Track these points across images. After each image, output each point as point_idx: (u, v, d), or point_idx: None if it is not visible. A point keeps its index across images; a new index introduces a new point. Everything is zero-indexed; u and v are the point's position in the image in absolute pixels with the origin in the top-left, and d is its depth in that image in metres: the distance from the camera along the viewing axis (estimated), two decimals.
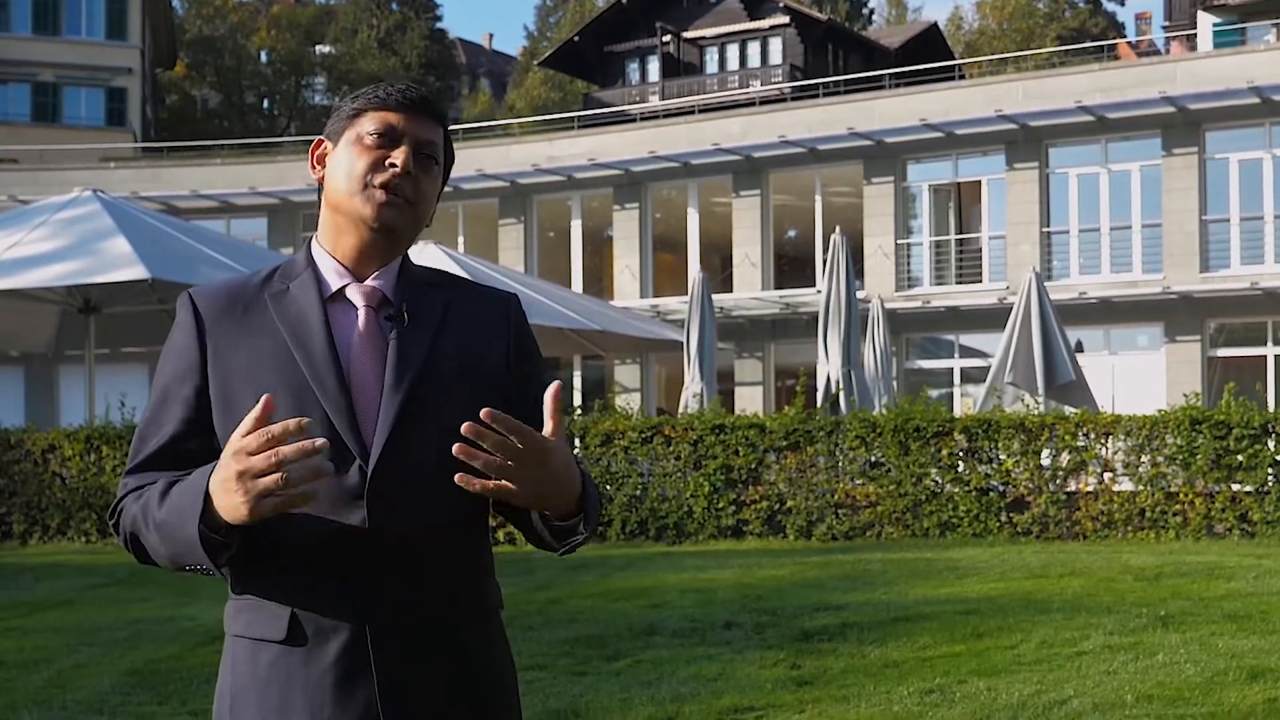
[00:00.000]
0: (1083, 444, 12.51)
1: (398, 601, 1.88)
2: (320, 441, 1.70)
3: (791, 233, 32.49)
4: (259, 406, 1.72)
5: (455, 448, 1.73)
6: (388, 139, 1.97)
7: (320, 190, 2.03)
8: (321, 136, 2.04)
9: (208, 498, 1.77)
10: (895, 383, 22.17)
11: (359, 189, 1.95)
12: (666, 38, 46.14)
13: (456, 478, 1.74)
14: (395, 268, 2.00)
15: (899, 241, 27.34)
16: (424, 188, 1.99)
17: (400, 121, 1.98)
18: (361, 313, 1.95)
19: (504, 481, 1.76)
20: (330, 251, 2.00)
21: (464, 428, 1.73)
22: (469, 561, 1.96)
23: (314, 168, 2.04)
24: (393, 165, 1.95)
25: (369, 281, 1.97)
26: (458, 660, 1.94)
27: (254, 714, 1.89)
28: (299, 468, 1.70)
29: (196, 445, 1.93)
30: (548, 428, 1.80)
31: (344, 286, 1.97)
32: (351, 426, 1.88)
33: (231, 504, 1.74)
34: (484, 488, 1.76)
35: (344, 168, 1.97)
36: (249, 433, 1.71)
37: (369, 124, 1.98)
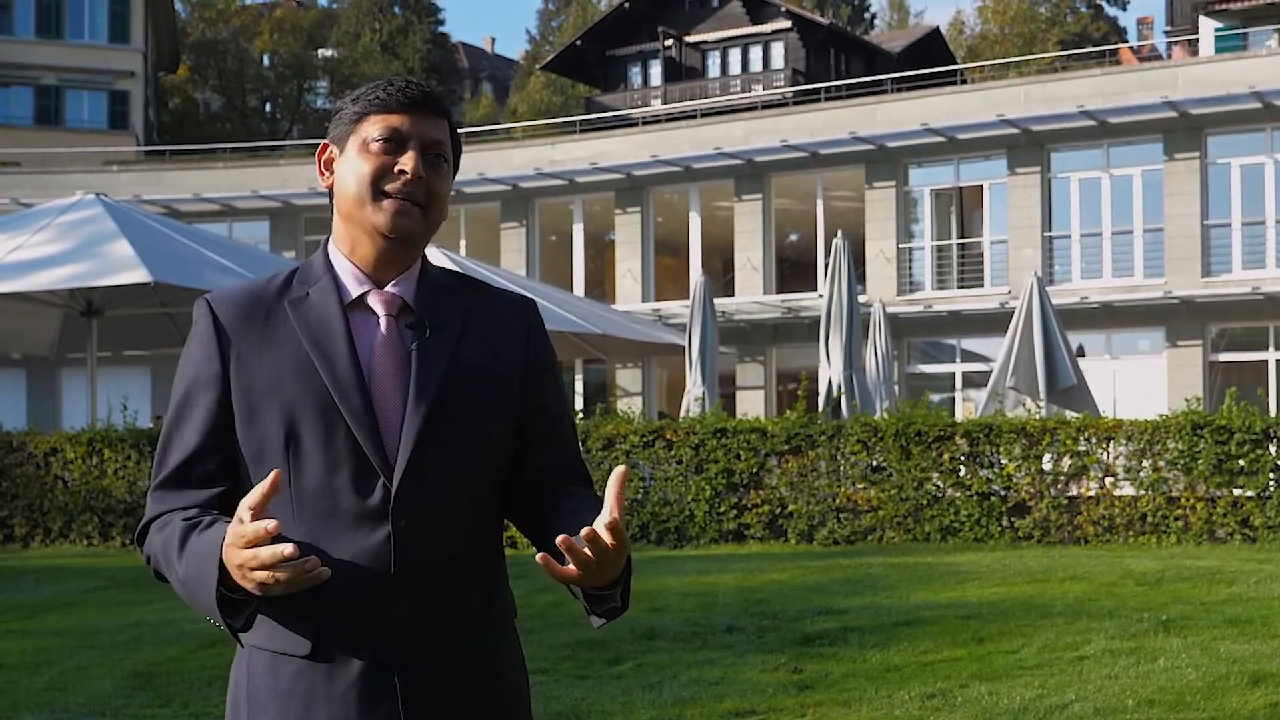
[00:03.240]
0: (1084, 448, 12.50)
1: (421, 615, 1.87)
2: (307, 563, 1.70)
3: (793, 236, 32.49)
4: (266, 483, 1.71)
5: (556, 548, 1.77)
6: (394, 143, 1.92)
7: (330, 195, 1.99)
8: (326, 141, 2.00)
9: (223, 567, 1.77)
10: (897, 387, 22.17)
11: (370, 199, 1.91)
12: (669, 42, 46.17)
13: (540, 559, 1.76)
14: (415, 272, 1.97)
15: (900, 245, 27.34)
16: (436, 188, 1.95)
17: (405, 123, 1.93)
18: (383, 321, 1.92)
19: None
20: (347, 256, 1.97)
21: (557, 550, 1.76)
22: (487, 572, 1.95)
23: (322, 174, 2.00)
24: (403, 172, 1.91)
25: (389, 288, 1.94)
26: (478, 671, 1.94)
27: None
28: (289, 570, 1.70)
29: (220, 459, 1.92)
30: (611, 512, 1.77)
31: (364, 293, 1.94)
32: (375, 442, 1.86)
33: (241, 580, 1.75)
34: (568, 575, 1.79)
35: (353, 177, 1.93)
36: (251, 507, 1.71)
37: (374, 129, 1.93)
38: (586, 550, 1.74)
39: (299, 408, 1.87)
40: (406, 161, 1.92)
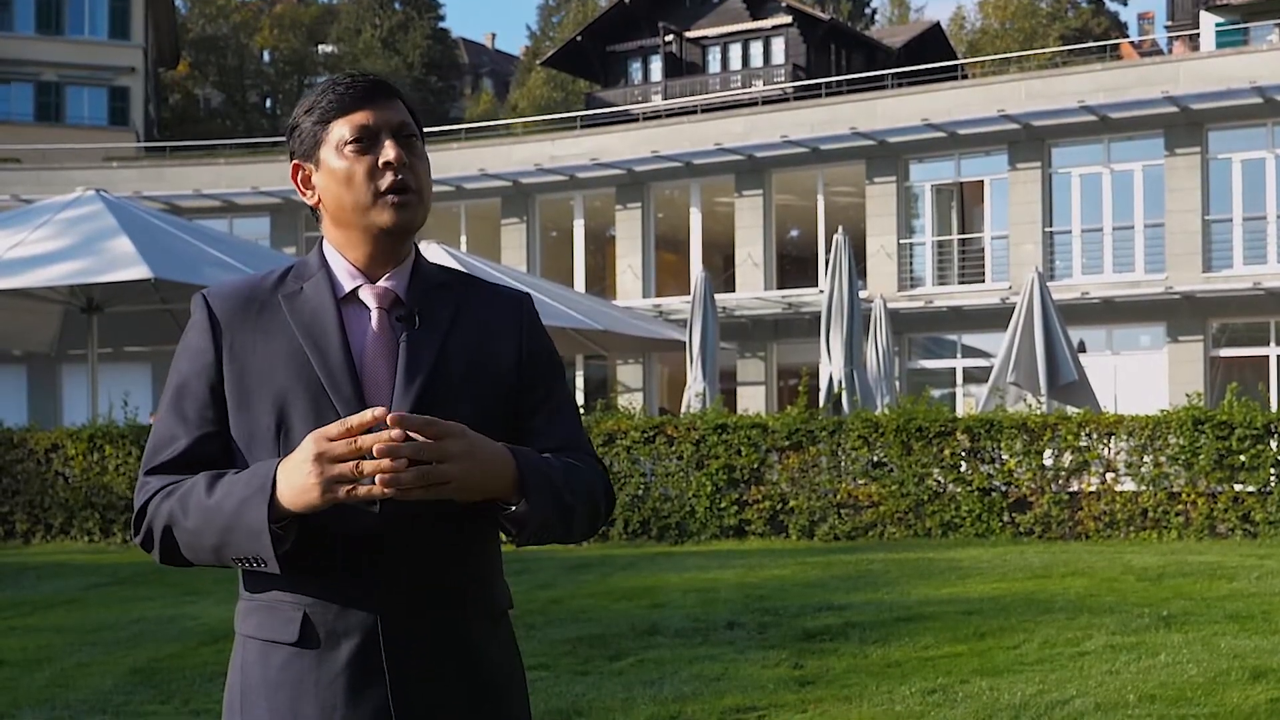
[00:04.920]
0: (1085, 444, 12.50)
1: (410, 604, 1.88)
2: (396, 432, 1.73)
3: (794, 232, 32.50)
4: (366, 413, 1.76)
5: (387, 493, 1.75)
6: (367, 140, 1.94)
7: (315, 209, 2.00)
8: (296, 161, 2.00)
9: (274, 485, 1.78)
10: (897, 382, 22.18)
11: (370, 201, 1.93)
12: (669, 37, 46.13)
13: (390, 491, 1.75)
14: (408, 267, 1.99)
15: (901, 241, 27.34)
16: (420, 171, 1.97)
17: (369, 117, 1.95)
18: (374, 314, 1.95)
19: (441, 482, 1.77)
20: (341, 253, 1.99)
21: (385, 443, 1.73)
22: (479, 562, 1.95)
23: (305, 193, 2.01)
24: (389, 164, 1.93)
25: (381, 282, 1.97)
26: (469, 662, 1.94)
27: (265, 714, 1.89)
28: (371, 464, 1.73)
29: (215, 448, 1.93)
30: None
31: (357, 288, 1.96)
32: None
33: (303, 486, 1.76)
34: (425, 495, 1.77)
35: (343, 184, 1.94)
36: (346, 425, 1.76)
37: (342, 132, 1.94)
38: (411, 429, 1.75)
39: (291, 396, 1.89)
40: (387, 152, 1.93)
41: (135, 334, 17.37)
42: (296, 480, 1.76)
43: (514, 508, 1.86)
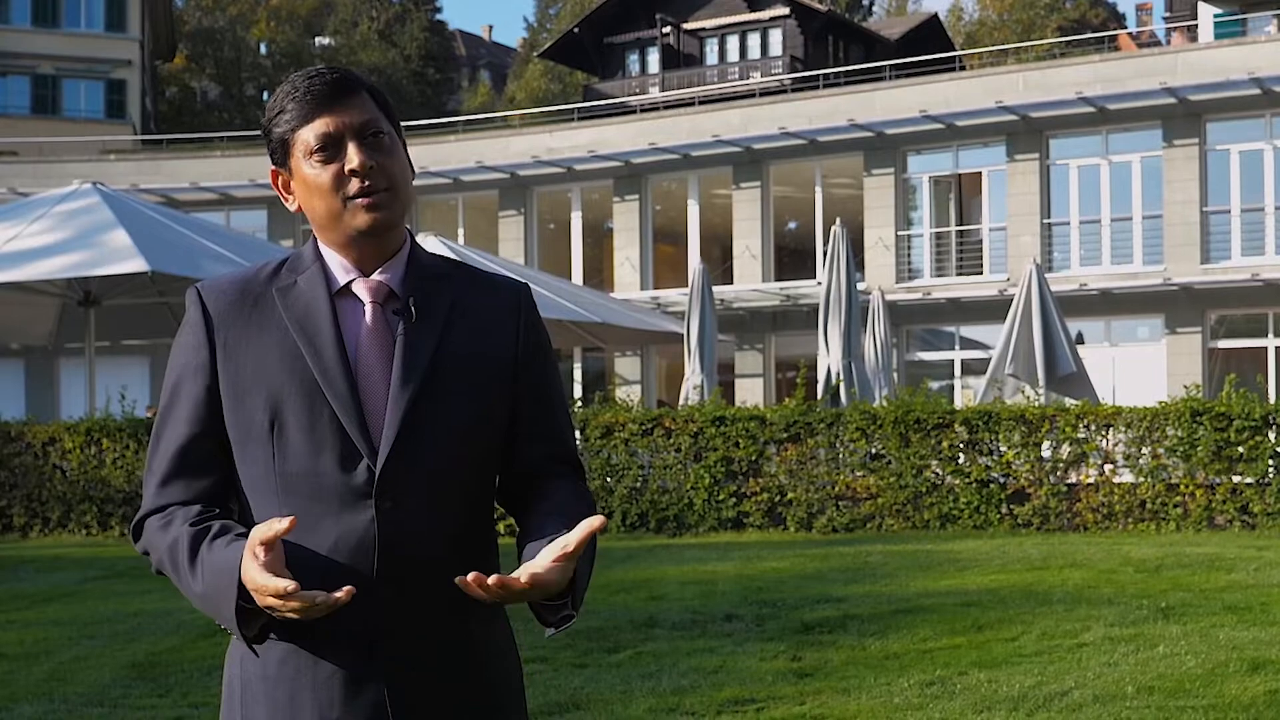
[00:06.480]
0: (1083, 436, 12.50)
1: (406, 601, 1.86)
2: (343, 593, 1.75)
3: (792, 224, 32.47)
4: (283, 525, 1.74)
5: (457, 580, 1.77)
6: (331, 148, 1.90)
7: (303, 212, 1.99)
8: (274, 168, 1.99)
9: (240, 589, 1.79)
10: (896, 374, 22.18)
11: (340, 209, 1.91)
12: (666, 29, 46.06)
13: (458, 580, 1.77)
14: (403, 259, 1.97)
15: (899, 233, 27.32)
16: (390, 167, 1.92)
17: (330, 123, 1.90)
18: (368, 308, 1.92)
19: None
20: (334, 250, 1.97)
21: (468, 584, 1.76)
22: (475, 558, 1.94)
23: (287, 199, 1.99)
24: (354, 172, 1.89)
25: (375, 276, 1.94)
26: (466, 659, 1.93)
27: (264, 710, 1.89)
28: (301, 601, 1.75)
29: (211, 446, 1.92)
30: (566, 549, 1.80)
31: (351, 281, 1.94)
32: (360, 426, 1.86)
33: (266, 607, 1.79)
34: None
35: (313, 194, 1.92)
36: (264, 542, 1.74)
37: (307, 140, 1.91)
38: (497, 589, 1.76)
39: (285, 392, 1.87)
40: (351, 158, 1.90)
41: (132, 327, 17.38)
42: (260, 601, 1.77)
43: (555, 602, 1.87)
